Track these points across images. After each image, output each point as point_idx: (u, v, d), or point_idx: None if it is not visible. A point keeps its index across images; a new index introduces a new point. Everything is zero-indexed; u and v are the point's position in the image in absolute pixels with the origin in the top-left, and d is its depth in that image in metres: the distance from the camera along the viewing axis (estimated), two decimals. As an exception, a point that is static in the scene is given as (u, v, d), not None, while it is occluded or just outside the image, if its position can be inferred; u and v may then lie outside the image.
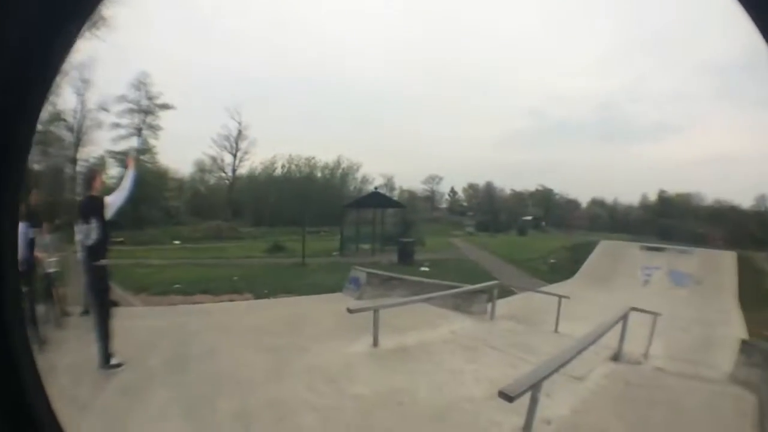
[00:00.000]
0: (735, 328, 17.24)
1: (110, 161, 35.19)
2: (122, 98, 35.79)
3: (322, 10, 64.32)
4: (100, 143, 34.68)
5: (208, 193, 44.17)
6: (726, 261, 26.49)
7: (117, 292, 12.47)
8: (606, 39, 72.89)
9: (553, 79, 66.41)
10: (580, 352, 6.56)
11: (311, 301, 14.26)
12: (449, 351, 8.65)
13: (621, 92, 62.13)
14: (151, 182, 36.00)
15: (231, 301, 15.22)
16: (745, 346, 10.04)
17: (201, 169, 43.87)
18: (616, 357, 9.13)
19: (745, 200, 48.35)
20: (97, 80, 32.35)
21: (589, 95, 63.11)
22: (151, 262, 22.75)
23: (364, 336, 8.97)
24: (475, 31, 70.00)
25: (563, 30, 67.17)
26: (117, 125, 36.17)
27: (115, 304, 8.94)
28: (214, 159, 43.33)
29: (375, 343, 8.80)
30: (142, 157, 36.19)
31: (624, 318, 9.35)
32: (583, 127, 60.75)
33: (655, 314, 11.95)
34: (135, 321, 9.97)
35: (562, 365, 5.78)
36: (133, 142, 36.85)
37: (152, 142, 38.19)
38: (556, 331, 12.67)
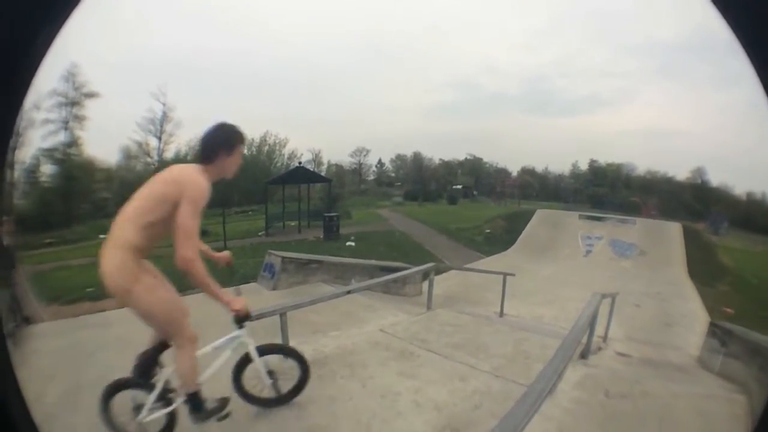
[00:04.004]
0: (691, 303, 16.46)
1: (42, 159, 33.98)
2: (53, 92, 34.32)
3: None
4: (33, 142, 32.99)
5: (135, 180, 41.16)
6: (670, 232, 26.14)
7: (33, 304, 11.78)
8: (541, 13, 73.44)
9: (485, 52, 66.73)
10: (559, 377, 4.71)
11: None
12: (379, 360, 6.63)
13: (554, 66, 62.82)
14: (78, 177, 34.93)
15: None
16: (714, 329, 8.88)
17: (127, 155, 42.92)
18: (584, 354, 7.38)
19: (679, 172, 49.37)
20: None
21: (522, 68, 63.26)
22: (72, 263, 20.91)
23: (275, 340, 6.95)
24: (408, 2, 68.76)
25: (497, 3, 66.87)
26: (47, 121, 34.50)
27: (28, 321, 7.90)
28: (139, 144, 42.73)
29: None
30: (69, 151, 35.30)
31: (597, 307, 7.62)
32: (514, 98, 61.30)
33: (613, 295, 10.67)
34: (39, 342, 7.80)
35: (541, 400, 3.89)
36: (62, 137, 35.45)
37: (79, 133, 36.34)
38: (501, 315, 11.52)
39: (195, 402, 3.97)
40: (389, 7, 69.01)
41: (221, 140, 3.91)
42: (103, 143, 39.78)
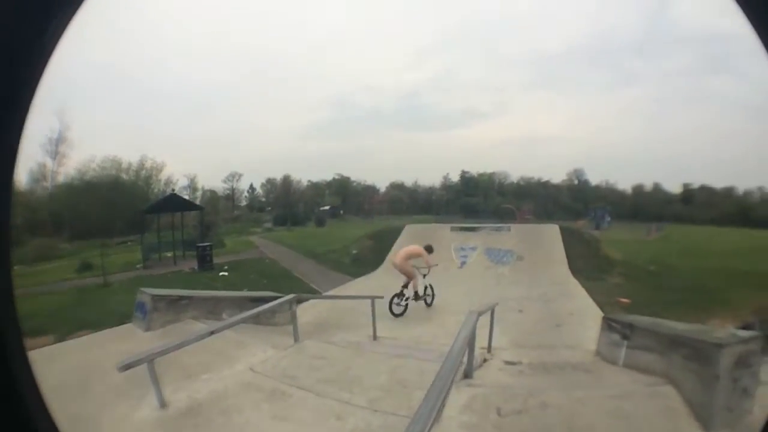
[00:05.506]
0: (578, 300, 16.59)
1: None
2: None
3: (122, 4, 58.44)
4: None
5: (35, 204, 38.70)
6: (547, 234, 26.68)
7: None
8: (425, 32, 75.03)
9: (361, 71, 66.95)
10: (443, 401, 4.32)
11: (101, 340, 10.88)
12: (252, 403, 6.09)
13: (431, 82, 63.85)
14: None
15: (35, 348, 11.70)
16: (609, 323, 8.70)
17: (33, 179, 39.67)
18: (467, 373, 7.00)
19: (556, 176, 51.89)
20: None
21: (397, 86, 64.26)
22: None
23: (149, 389, 6.33)
24: (283, 24, 68.06)
25: (374, 25, 67.69)
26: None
27: None
28: (39, 166, 39.56)
29: (161, 404, 6.21)
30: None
31: (474, 326, 7.27)
32: (388, 116, 62.14)
33: (492, 306, 10.43)
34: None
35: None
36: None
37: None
38: (375, 338, 11.29)
39: (417, 295, 15.36)
40: (269, 26, 68.10)
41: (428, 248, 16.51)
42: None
